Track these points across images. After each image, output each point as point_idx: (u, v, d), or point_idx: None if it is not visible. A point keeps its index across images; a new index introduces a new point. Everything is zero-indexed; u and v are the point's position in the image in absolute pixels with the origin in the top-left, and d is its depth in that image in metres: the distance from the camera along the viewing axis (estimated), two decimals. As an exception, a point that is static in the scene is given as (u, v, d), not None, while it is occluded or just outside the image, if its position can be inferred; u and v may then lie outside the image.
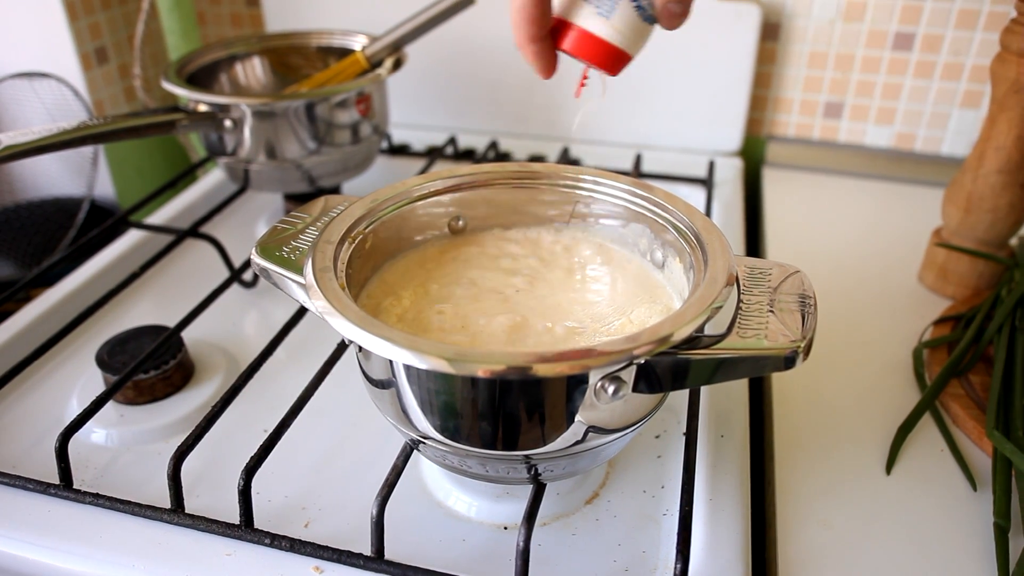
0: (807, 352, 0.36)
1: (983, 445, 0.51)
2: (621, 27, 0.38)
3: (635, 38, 0.39)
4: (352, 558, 0.42)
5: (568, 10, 0.39)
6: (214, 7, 1.01)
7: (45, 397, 0.57)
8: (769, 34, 0.88)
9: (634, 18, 0.38)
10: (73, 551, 0.44)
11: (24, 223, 0.92)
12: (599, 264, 0.48)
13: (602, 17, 0.38)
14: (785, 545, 0.45)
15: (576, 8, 0.39)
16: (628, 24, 0.38)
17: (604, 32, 0.38)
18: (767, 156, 0.93)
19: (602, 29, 0.38)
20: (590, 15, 0.38)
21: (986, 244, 0.65)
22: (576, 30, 0.39)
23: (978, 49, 0.83)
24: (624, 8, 0.38)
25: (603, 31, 0.38)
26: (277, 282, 0.42)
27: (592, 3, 0.38)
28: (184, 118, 0.67)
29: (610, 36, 0.38)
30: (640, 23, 0.39)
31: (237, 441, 0.52)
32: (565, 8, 0.39)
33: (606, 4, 0.38)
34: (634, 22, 0.38)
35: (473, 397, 0.37)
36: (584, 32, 0.38)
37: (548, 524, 0.46)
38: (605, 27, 0.38)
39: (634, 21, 0.38)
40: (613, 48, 0.39)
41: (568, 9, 0.39)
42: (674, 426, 0.53)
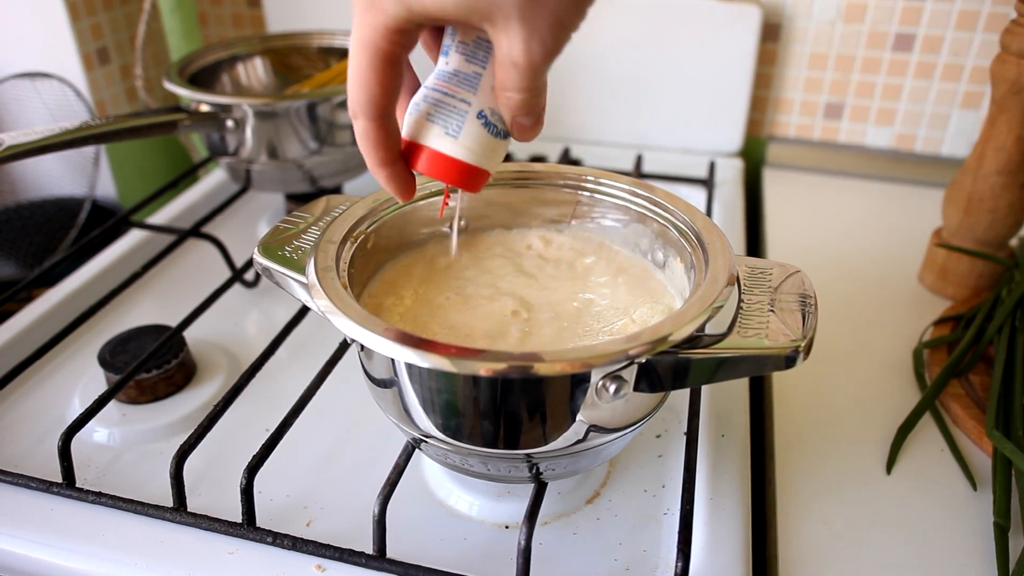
0: (808, 351, 0.36)
1: (983, 445, 0.51)
2: (471, 144, 0.37)
3: (488, 153, 0.38)
4: (354, 557, 0.43)
5: (417, 132, 0.38)
6: (215, 8, 1.02)
7: (47, 396, 0.57)
8: (769, 35, 0.88)
9: (483, 135, 0.37)
10: (76, 550, 0.44)
11: (26, 223, 0.93)
12: (600, 264, 0.48)
13: (451, 137, 0.37)
14: (785, 544, 0.45)
15: (424, 129, 0.38)
16: (478, 141, 0.37)
17: (455, 151, 0.37)
18: (768, 157, 0.93)
19: (452, 148, 0.37)
20: (439, 135, 0.37)
21: (986, 244, 0.65)
22: (427, 151, 0.38)
23: (978, 50, 0.83)
24: (472, 126, 0.37)
25: (453, 150, 0.37)
26: (279, 281, 0.42)
27: (439, 123, 0.37)
28: (186, 118, 0.67)
29: (461, 154, 0.37)
30: (491, 139, 0.38)
31: (239, 440, 0.52)
32: (413, 131, 0.38)
33: (453, 124, 0.37)
34: (484, 138, 0.37)
35: (475, 396, 0.37)
36: (435, 153, 0.38)
37: (549, 523, 0.46)
38: (455, 147, 0.37)
39: (484, 137, 0.37)
40: (467, 166, 0.38)
41: (417, 131, 0.38)
42: (675, 425, 0.54)
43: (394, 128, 0.38)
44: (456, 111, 0.37)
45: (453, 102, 0.37)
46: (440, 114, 0.37)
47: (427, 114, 0.38)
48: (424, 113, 0.38)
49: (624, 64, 0.90)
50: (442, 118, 0.37)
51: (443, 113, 0.37)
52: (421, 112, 0.38)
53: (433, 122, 0.37)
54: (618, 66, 0.90)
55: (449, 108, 0.37)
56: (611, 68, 0.90)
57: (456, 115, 0.37)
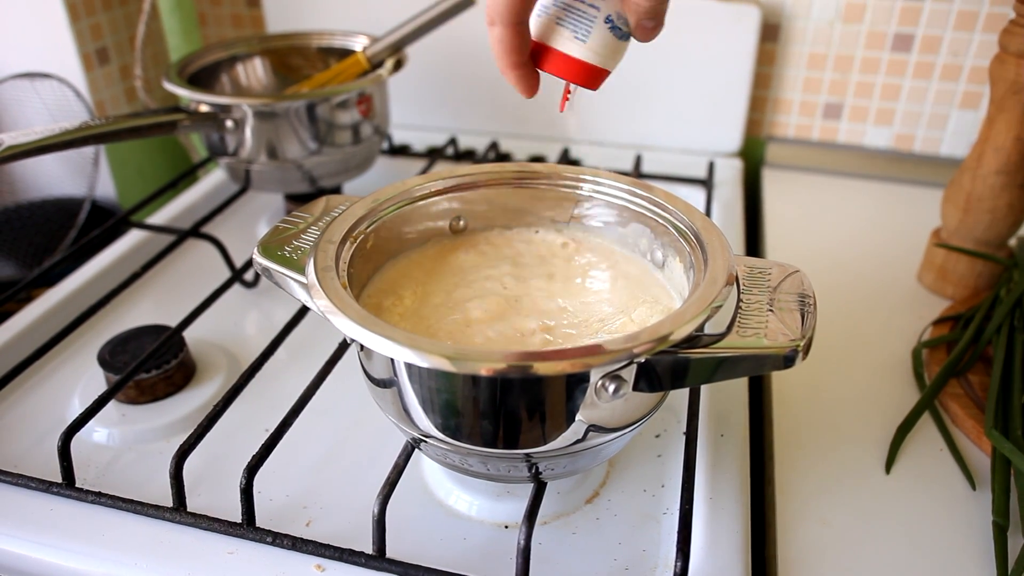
0: (806, 351, 0.36)
1: (982, 444, 0.51)
2: (598, 48, 0.40)
3: (612, 55, 0.41)
4: (354, 556, 0.43)
5: (546, 35, 0.41)
6: (215, 8, 1.02)
7: (47, 396, 0.57)
8: (769, 35, 0.88)
9: (610, 38, 0.40)
10: (75, 550, 0.44)
11: (25, 223, 0.92)
12: (599, 264, 0.48)
13: (580, 41, 0.40)
14: (785, 544, 0.45)
15: (554, 33, 0.40)
16: (605, 44, 0.40)
17: (583, 54, 0.40)
18: (767, 157, 0.93)
19: (581, 51, 0.40)
20: (568, 39, 0.40)
21: (985, 244, 0.65)
22: (556, 54, 0.41)
23: (977, 50, 0.83)
24: (600, 30, 0.40)
25: (582, 53, 0.40)
26: (279, 281, 0.42)
27: (569, 28, 0.40)
28: (185, 118, 0.67)
29: (589, 57, 0.40)
30: (616, 41, 0.41)
31: (239, 440, 0.52)
32: (543, 33, 0.41)
33: (583, 28, 0.40)
34: (610, 41, 0.40)
35: (474, 396, 0.37)
36: (564, 56, 0.40)
37: (549, 523, 0.46)
38: (583, 50, 0.40)
39: (610, 40, 0.40)
40: (593, 68, 0.41)
41: (546, 34, 0.41)
42: (674, 425, 0.54)
43: (527, 34, 0.40)
44: (585, 16, 0.40)
45: (582, 7, 0.40)
46: (570, 18, 0.40)
47: (556, 18, 0.40)
48: (554, 17, 0.40)
49: (623, 64, 0.89)
50: (572, 22, 0.40)
51: (573, 17, 0.40)
52: (551, 15, 0.40)
53: (563, 26, 0.40)
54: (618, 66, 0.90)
55: (578, 12, 0.40)
56: (610, 68, 0.90)
57: (585, 20, 0.40)
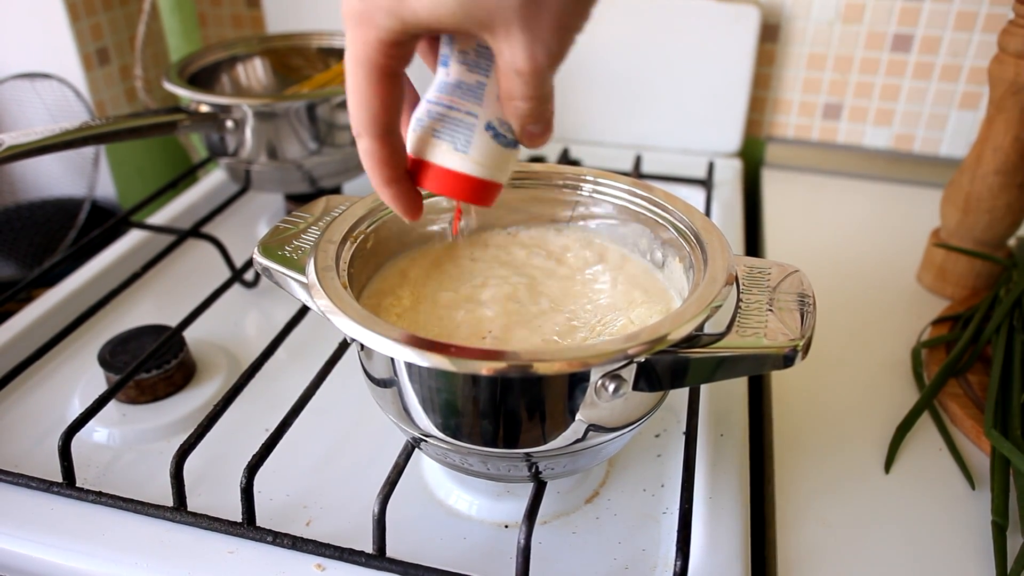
0: (806, 350, 0.36)
1: (981, 444, 0.51)
2: (481, 159, 0.35)
3: (499, 166, 0.36)
4: (354, 556, 0.43)
5: (423, 149, 0.36)
6: (215, 8, 1.02)
7: (47, 396, 0.57)
8: (768, 35, 0.88)
9: (493, 146, 0.36)
10: (76, 549, 0.44)
11: (25, 223, 0.93)
12: (599, 264, 0.48)
13: (460, 152, 0.35)
14: (784, 543, 0.45)
15: (431, 146, 0.36)
16: (488, 154, 0.36)
17: (467, 168, 0.36)
18: (766, 157, 0.94)
19: (463, 164, 0.35)
20: (448, 152, 0.36)
21: (984, 244, 0.65)
22: (435, 169, 0.36)
23: (976, 50, 0.83)
24: (481, 138, 0.35)
25: (464, 166, 0.36)
26: (279, 281, 0.42)
27: (447, 139, 0.35)
28: (185, 119, 0.67)
29: (472, 170, 0.36)
30: (501, 150, 0.36)
31: (239, 440, 0.52)
32: (419, 148, 0.36)
33: (461, 138, 0.35)
34: (494, 150, 0.36)
35: (474, 395, 0.37)
36: (445, 170, 0.36)
37: (548, 522, 0.46)
38: (466, 163, 0.35)
39: (494, 149, 0.36)
40: (479, 181, 0.36)
41: (422, 148, 0.36)
42: (674, 425, 0.54)
43: (399, 144, 0.36)
44: (463, 124, 0.35)
45: (459, 115, 0.35)
46: (447, 129, 0.36)
47: (432, 129, 0.36)
48: (429, 128, 0.36)
49: (623, 65, 0.90)
50: (449, 133, 0.36)
51: (450, 128, 0.35)
52: (426, 128, 0.36)
53: (440, 138, 0.36)
54: (617, 67, 0.90)
55: (455, 122, 0.35)
56: (610, 69, 0.90)
57: (463, 129, 0.35)
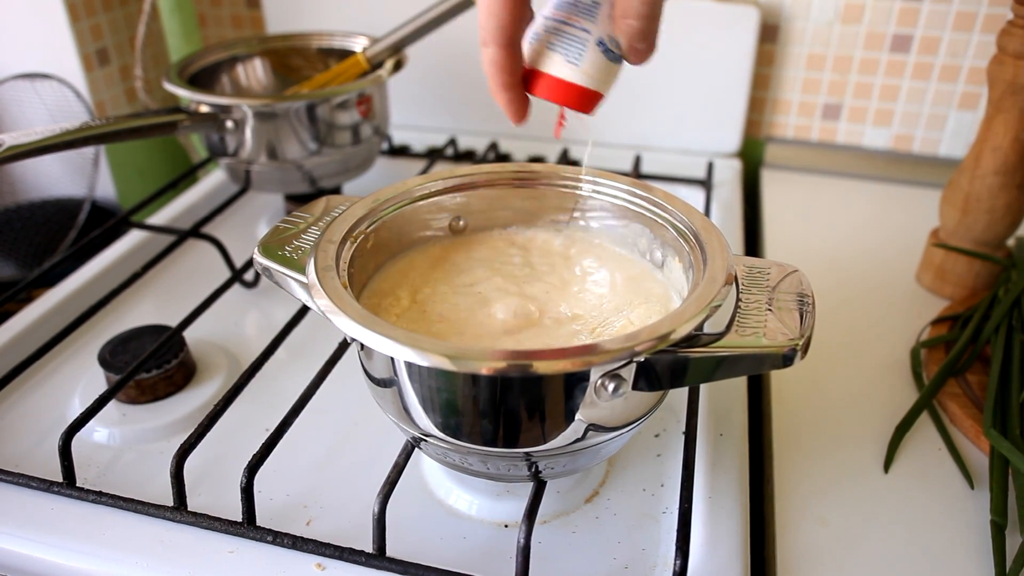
0: (805, 350, 0.36)
1: (980, 444, 0.51)
2: (591, 71, 0.39)
3: (605, 78, 0.40)
4: (354, 555, 0.43)
5: (538, 59, 0.40)
6: (215, 9, 1.02)
7: (48, 396, 0.57)
8: (767, 36, 0.88)
9: (602, 60, 0.39)
10: (76, 549, 0.44)
11: (26, 224, 0.93)
12: (599, 264, 0.48)
13: (572, 64, 0.39)
14: (784, 542, 0.45)
15: (546, 57, 0.40)
16: (597, 67, 0.39)
17: (576, 77, 0.39)
18: (766, 157, 0.94)
19: (574, 75, 0.39)
20: (560, 63, 0.39)
21: (983, 244, 0.65)
22: (548, 78, 0.40)
23: (975, 51, 0.83)
24: (592, 53, 0.39)
25: (575, 76, 0.39)
26: (279, 281, 0.42)
27: (561, 51, 0.39)
28: (185, 119, 0.67)
29: (581, 80, 0.39)
30: (608, 64, 0.40)
31: (239, 440, 0.52)
32: (535, 58, 0.40)
33: (574, 51, 0.39)
34: (603, 64, 0.39)
35: (474, 395, 0.37)
36: (556, 79, 0.40)
37: (548, 522, 0.47)
38: (576, 73, 0.39)
39: (602, 63, 0.39)
40: (585, 91, 0.40)
41: (538, 58, 0.40)
42: (673, 425, 0.54)
43: (519, 56, 0.40)
44: (576, 39, 0.39)
45: (573, 30, 0.39)
46: (561, 42, 0.39)
47: (548, 42, 0.39)
48: (545, 41, 0.39)
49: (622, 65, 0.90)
50: (563, 46, 0.39)
51: (564, 41, 0.39)
52: (542, 40, 0.40)
53: (554, 50, 0.39)
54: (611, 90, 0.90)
55: (569, 36, 0.39)
56: (610, 69, 0.90)
57: (577, 43, 0.39)
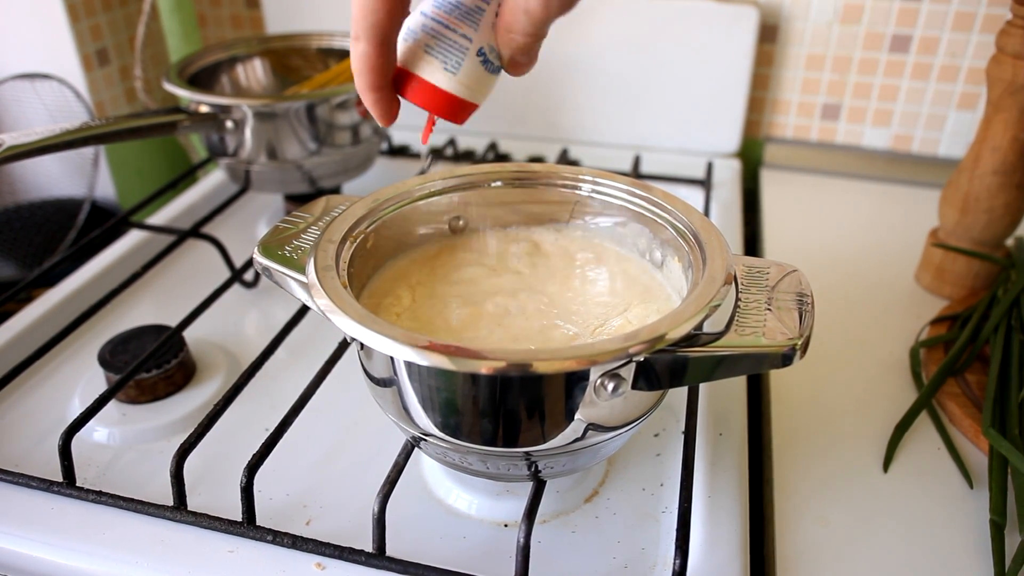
0: (804, 349, 0.36)
1: (979, 443, 0.51)
2: (468, 81, 0.38)
3: (481, 89, 0.39)
4: (354, 555, 0.43)
5: (413, 61, 0.38)
6: (215, 9, 1.02)
7: (48, 396, 0.57)
8: (767, 36, 0.88)
9: (481, 71, 0.38)
10: (76, 548, 0.44)
11: (25, 224, 0.93)
12: (598, 263, 0.48)
13: (449, 72, 0.38)
14: (783, 542, 0.46)
15: (422, 61, 0.38)
16: (474, 78, 0.38)
17: (452, 87, 0.38)
18: (765, 157, 0.94)
19: (450, 84, 0.38)
20: (437, 69, 0.38)
21: (982, 244, 0.65)
22: (423, 84, 0.38)
23: (974, 51, 0.83)
24: (471, 63, 0.38)
25: (451, 86, 0.38)
26: (279, 281, 0.42)
27: (438, 57, 0.38)
28: (185, 119, 0.67)
29: (458, 91, 0.38)
30: (486, 74, 0.38)
31: (239, 439, 0.52)
32: (410, 59, 0.38)
33: (453, 59, 0.37)
34: (480, 75, 0.38)
35: (474, 394, 0.37)
36: (432, 87, 0.38)
37: (548, 522, 0.47)
38: (452, 82, 0.38)
39: (480, 74, 0.38)
40: (461, 101, 0.39)
41: (413, 60, 0.38)
42: (673, 424, 0.54)
43: (392, 55, 0.38)
44: (456, 46, 0.37)
45: (454, 36, 0.37)
46: (440, 47, 0.37)
47: (425, 45, 0.38)
48: (421, 43, 0.38)
49: (622, 65, 0.90)
50: (441, 52, 0.37)
51: (443, 46, 0.37)
52: (419, 41, 0.38)
53: (432, 55, 0.38)
54: (616, 67, 0.90)
55: (449, 42, 0.37)
56: (609, 69, 0.90)
57: (456, 51, 0.37)
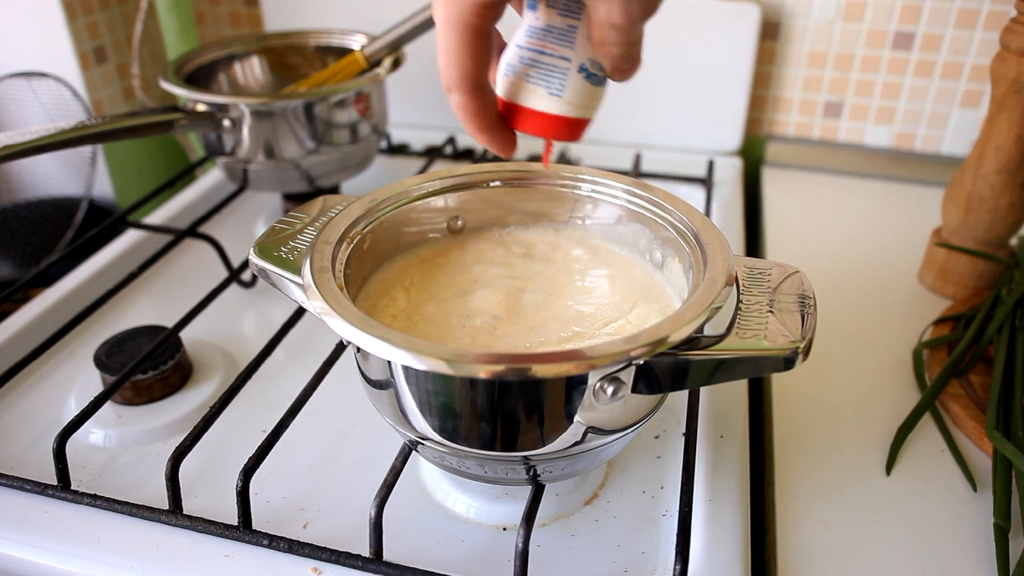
0: (807, 353, 0.36)
1: (983, 446, 0.51)
2: (576, 100, 0.37)
3: (591, 103, 0.38)
4: (350, 559, 0.42)
5: (518, 94, 0.38)
6: (213, 6, 1.01)
7: (43, 397, 0.57)
8: (769, 33, 0.88)
9: (587, 87, 0.37)
10: (71, 552, 0.44)
11: (22, 223, 0.92)
12: (598, 264, 0.48)
13: (555, 96, 0.37)
14: (785, 545, 0.45)
15: (527, 91, 0.37)
16: (582, 95, 0.37)
17: (562, 109, 0.37)
18: (767, 156, 0.93)
19: (559, 107, 0.37)
20: (543, 96, 0.37)
21: (986, 244, 0.65)
22: (532, 114, 0.38)
23: (978, 48, 0.82)
24: (575, 81, 0.37)
25: (560, 109, 0.37)
26: (275, 282, 0.42)
27: (542, 84, 0.37)
28: (183, 118, 0.66)
29: (568, 112, 0.37)
30: (593, 88, 0.38)
31: (235, 442, 0.52)
32: (514, 92, 0.38)
33: (556, 82, 0.37)
34: (587, 90, 0.37)
35: (472, 398, 0.37)
36: (541, 114, 0.38)
37: (547, 525, 0.46)
38: (561, 105, 0.37)
39: (587, 89, 0.37)
40: (574, 120, 0.38)
41: (518, 93, 0.38)
42: (673, 426, 0.53)
43: (490, 96, 0.38)
44: (556, 69, 0.37)
45: (552, 60, 0.37)
46: (541, 74, 0.37)
47: (526, 75, 0.37)
48: (522, 74, 0.37)
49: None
50: (543, 78, 0.37)
51: (543, 72, 0.37)
52: (519, 73, 0.37)
53: (535, 83, 0.37)
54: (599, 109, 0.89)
55: (548, 67, 0.37)
56: (610, 67, 0.90)
57: (557, 73, 0.37)
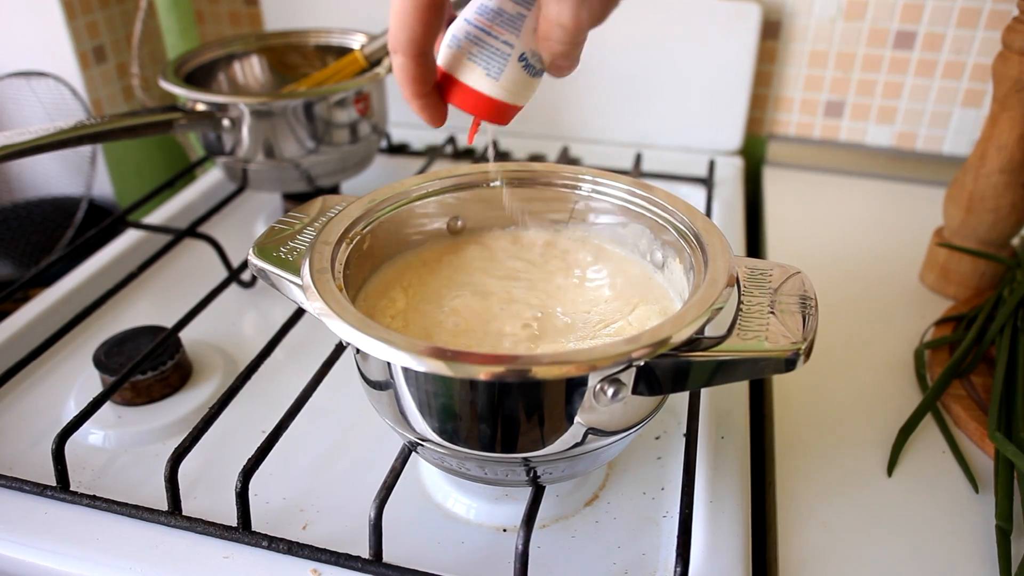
0: (808, 354, 0.35)
1: (985, 447, 0.51)
2: (510, 86, 0.39)
3: (524, 92, 0.40)
4: (350, 560, 0.42)
5: (456, 68, 0.39)
6: (212, 6, 1.01)
7: (42, 398, 0.57)
8: (770, 32, 0.87)
9: (523, 76, 0.39)
10: (69, 553, 0.44)
11: (22, 222, 0.92)
12: (598, 265, 0.48)
13: (491, 78, 0.38)
14: (786, 547, 0.45)
15: (465, 67, 0.39)
16: (517, 82, 0.39)
17: (495, 92, 0.39)
18: (768, 155, 0.93)
19: (493, 89, 0.39)
20: (480, 76, 0.39)
21: (988, 244, 0.64)
22: (467, 90, 0.39)
23: (980, 48, 0.82)
24: (513, 68, 0.38)
25: (494, 91, 0.39)
26: (275, 283, 0.42)
27: (481, 64, 0.38)
28: (182, 117, 0.66)
29: (501, 95, 0.39)
30: (528, 78, 0.39)
31: (235, 443, 0.52)
32: (453, 65, 0.39)
33: (495, 65, 0.38)
34: (523, 79, 0.39)
35: (471, 399, 0.36)
36: (475, 92, 0.39)
37: (547, 526, 0.46)
38: (495, 87, 0.39)
39: (523, 78, 0.39)
40: (504, 105, 0.39)
41: (456, 67, 0.39)
42: (674, 428, 0.53)
43: (431, 65, 0.39)
44: (498, 53, 0.38)
45: (495, 43, 0.38)
46: (482, 54, 0.38)
47: (468, 52, 0.38)
48: (464, 50, 0.38)
49: (624, 62, 0.89)
50: (484, 58, 0.38)
51: (485, 53, 0.38)
52: (462, 48, 0.39)
53: (474, 61, 0.38)
54: (618, 64, 0.89)
55: (491, 49, 0.38)
56: (611, 66, 0.90)
57: (498, 57, 0.38)
